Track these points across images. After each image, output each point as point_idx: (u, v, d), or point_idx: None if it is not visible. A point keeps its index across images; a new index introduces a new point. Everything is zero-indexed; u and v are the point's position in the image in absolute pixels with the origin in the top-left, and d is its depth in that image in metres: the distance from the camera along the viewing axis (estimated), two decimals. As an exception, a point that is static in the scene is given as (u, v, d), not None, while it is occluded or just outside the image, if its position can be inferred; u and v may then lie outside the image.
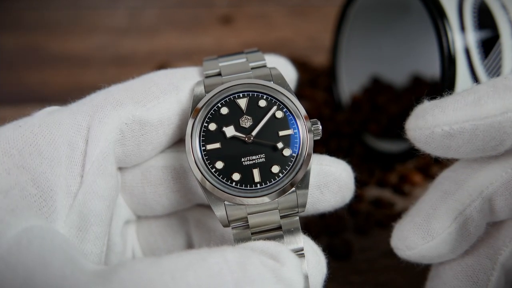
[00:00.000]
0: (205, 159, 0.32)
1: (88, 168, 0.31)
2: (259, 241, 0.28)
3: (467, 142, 0.31)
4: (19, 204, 0.28)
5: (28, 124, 0.31)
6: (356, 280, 0.44)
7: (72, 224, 0.30)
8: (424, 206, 0.34)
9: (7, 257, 0.25)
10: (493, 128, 0.30)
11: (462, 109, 0.30)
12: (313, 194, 0.34)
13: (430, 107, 0.31)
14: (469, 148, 0.31)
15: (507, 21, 0.46)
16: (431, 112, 0.31)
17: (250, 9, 0.86)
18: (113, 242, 0.34)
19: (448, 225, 0.33)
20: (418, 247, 0.33)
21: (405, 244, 0.34)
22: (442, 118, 0.31)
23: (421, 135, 0.32)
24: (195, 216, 0.37)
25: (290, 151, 0.32)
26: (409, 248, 0.33)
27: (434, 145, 0.32)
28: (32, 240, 0.26)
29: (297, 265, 0.27)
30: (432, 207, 0.34)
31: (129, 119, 0.32)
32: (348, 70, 0.60)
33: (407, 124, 0.33)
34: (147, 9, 0.87)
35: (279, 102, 0.33)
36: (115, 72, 0.72)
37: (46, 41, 0.79)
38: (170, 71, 0.35)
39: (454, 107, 0.31)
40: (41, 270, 0.25)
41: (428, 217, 0.33)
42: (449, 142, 0.31)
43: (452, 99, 0.31)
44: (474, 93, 0.31)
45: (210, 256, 0.26)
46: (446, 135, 0.31)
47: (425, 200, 0.35)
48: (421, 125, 0.31)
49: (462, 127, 0.30)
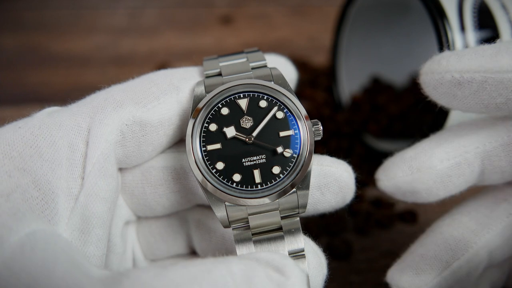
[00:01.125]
0: (206, 160, 0.32)
1: (89, 170, 0.31)
2: (265, 253, 0.28)
3: (473, 94, 0.31)
4: (21, 208, 0.27)
5: (28, 125, 0.31)
6: (356, 280, 0.44)
7: (74, 227, 0.30)
8: (417, 146, 0.35)
9: (10, 264, 0.25)
10: (502, 84, 0.30)
11: (477, 59, 0.31)
12: (314, 195, 0.34)
13: (448, 54, 0.32)
14: (473, 101, 0.32)
15: (507, 21, 0.46)
16: (447, 58, 0.32)
17: (250, 9, 0.86)
18: (113, 243, 0.34)
19: (431, 166, 0.34)
20: (396, 179, 0.35)
21: (386, 174, 0.35)
22: (455, 64, 0.31)
23: (431, 79, 0.32)
24: (195, 216, 0.37)
25: (291, 152, 0.32)
26: (389, 179, 0.35)
27: (442, 91, 0.32)
28: (35, 245, 0.26)
29: (303, 279, 0.27)
30: (424, 148, 0.35)
31: (129, 120, 0.32)
32: (348, 70, 0.60)
33: (422, 68, 0.33)
34: (147, 9, 0.87)
35: (280, 102, 0.33)
36: (115, 72, 0.72)
37: (46, 41, 0.79)
38: (170, 71, 0.35)
39: (470, 56, 0.31)
40: (45, 277, 0.24)
41: (416, 155, 0.34)
42: (456, 90, 0.32)
43: (472, 49, 0.32)
44: (495, 47, 0.31)
45: (215, 268, 0.25)
46: (455, 82, 0.31)
47: (421, 142, 0.36)
48: (434, 69, 0.32)
49: (472, 76, 0.31)
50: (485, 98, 0.31)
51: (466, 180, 0.35)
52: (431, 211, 0.47)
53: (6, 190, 0.28)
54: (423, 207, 0.50)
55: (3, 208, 0.27)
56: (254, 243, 0.31)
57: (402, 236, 0.48)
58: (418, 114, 0.57)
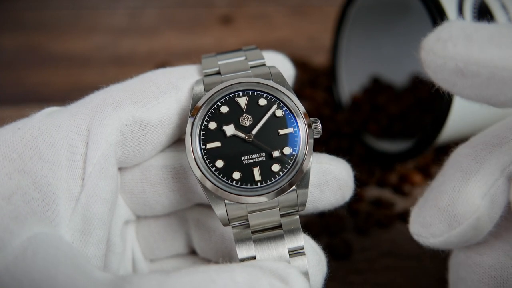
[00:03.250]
0: (205, 158, 0.32)
1: (90, 171, 0.30)
2: (268, 261, 0.28)
3: (477, 87, 0.27)
4: (22, 210, 0.27)
5: (28, 126, 0.31)
6: (356, 280, 0.44)
7: (75, 228, 0.30)
8: (447, 188, 0.32)
9: (12, 269, 0.25)
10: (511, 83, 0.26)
11: (489, 50, 0.26)
12: (313, 193, 0.34)
13: (456, 34, 0.27)
14: (475, 93, 0.28)
15: (507, 21, 0.46)
16: (455, 40, 0.27)
17: (250, 9, 0.86)
18: (113, 243, 0.34)
19: (475, 209, 0.30)
20: (444, 234, 0.31)
21: (429, 231, 0.31)
22: (462, 52, 0.26)
23: (432, 62, 0.28)
24: (195, 216, 0.37)
25: (290, 150, 0.32)
26: (434, 236, 0.31)
27: (441, 76, 0.28)
28: (37, 249, 0.25)
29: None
30: (455, 189, 0.31)
31: (129, 120, 0.32)
32: (348, 70, 0.60)
33: (424, 41, 0.28)
34: (147, 9, 0.87)
35: (279, 100, 0.33)
36: (115, 72, 0.72)
37: (46, 41, 0.79)
38: (169, 70, 0.35)
39: (483, 44, 0.26)
40: (47, 282, 0.24)
41: (453, 201, 0.31)
42: (457, 80, 0.27)
43: (487, 32, 0.26)
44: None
45: (219, 277, 0.25)
46: (458, 71, 0.27)
47: (445, 182, 0.32)
48: (437, 51, 0.27)
49: (478, 70, 0.26)
50: (489, 93, 0.27)
51: (503, 204, 0.32)
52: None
53: (7, 192, 0.28)
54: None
55: (4, 211, 0.27)
56: (254, 242, 0.31)
57: (402, 236, 0.48)
58: (418, 114, 0.57)
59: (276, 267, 0.27)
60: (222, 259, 0.33)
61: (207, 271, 0.26)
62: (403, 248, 0.46)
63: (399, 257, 0.45)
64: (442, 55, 0.27)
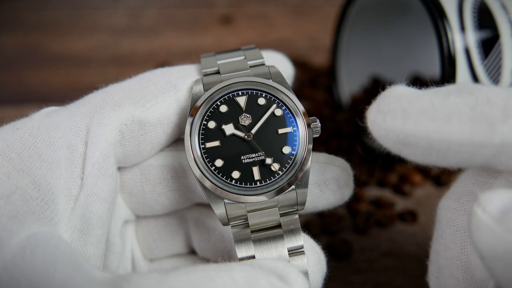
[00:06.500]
0: (205, 157, 0.32)
1: (89, 171, 0.30)
2: (267, 260, 0.28)
3: (420, 154, 0.28)
4: (21, 209, 0.27)
5: (27, 126, 0.31)
6: (356, 280, 0.44)
7: (74, 227, 0.30)
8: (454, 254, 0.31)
9: (11, 268, 0.25)
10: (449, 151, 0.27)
11: (425, 124, 0.27)
12: (313, 192, 0.34)
13: (395, 105, 0.28)
14: (420, 159, 0.29)
15: (507, 21, 0.46)
16: (393, 113, 0.28)
17: (250, 9, 0.86)
18: (112, 242, 0.34)
19: None
20: None
21: None
22: (400, 126, 0.28)
23: (377, 132, 0.29)
24: (194, 215, 0.37)
25: (290, 149, 0.32)
26: None
27: (387, 145, 0.29)
28: (36, 248, 0.25)
29: (306, 287, 0.26)
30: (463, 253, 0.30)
31: (128, 120, 0.32)
32: (348, 70, 0.60)
33: (368, 112, 0.30)
34: (147, 9, 0.87)
35: (278, 100, 0.33)
36: (115, 72, 0.72)
37: (46, 41, 0.79)
38: (168, 70, 0.35)
39: (418, 119, 0.27)
40: (45, 281, 0.24)
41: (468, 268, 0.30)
42: (401, 148, 0.28)
43: (422, 104, 0.28)
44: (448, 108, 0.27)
45: (217, 276, 0.25)
46: (400, 142, 0.28)
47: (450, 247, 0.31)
48: (379, 123, 0.29)
49: (416, 141, 0.27)
50: (433, 160, 0.28)
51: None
52: (431, 211, 0.47)
53: (5, 192, 0.28)
54: (423, 207, 0.50)
55: (3, 210, 0.27)
56: (253, 242, 0.31)
57: (402, 236, 0.48)
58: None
59: (276, 266, 0.27)
60: (221, 259, 0.33)
61: (205, 270, 0.26)
62: (403, 248, 0.46)
63: (399, 257, 0.45)
64: (383, 127, 0.28)
